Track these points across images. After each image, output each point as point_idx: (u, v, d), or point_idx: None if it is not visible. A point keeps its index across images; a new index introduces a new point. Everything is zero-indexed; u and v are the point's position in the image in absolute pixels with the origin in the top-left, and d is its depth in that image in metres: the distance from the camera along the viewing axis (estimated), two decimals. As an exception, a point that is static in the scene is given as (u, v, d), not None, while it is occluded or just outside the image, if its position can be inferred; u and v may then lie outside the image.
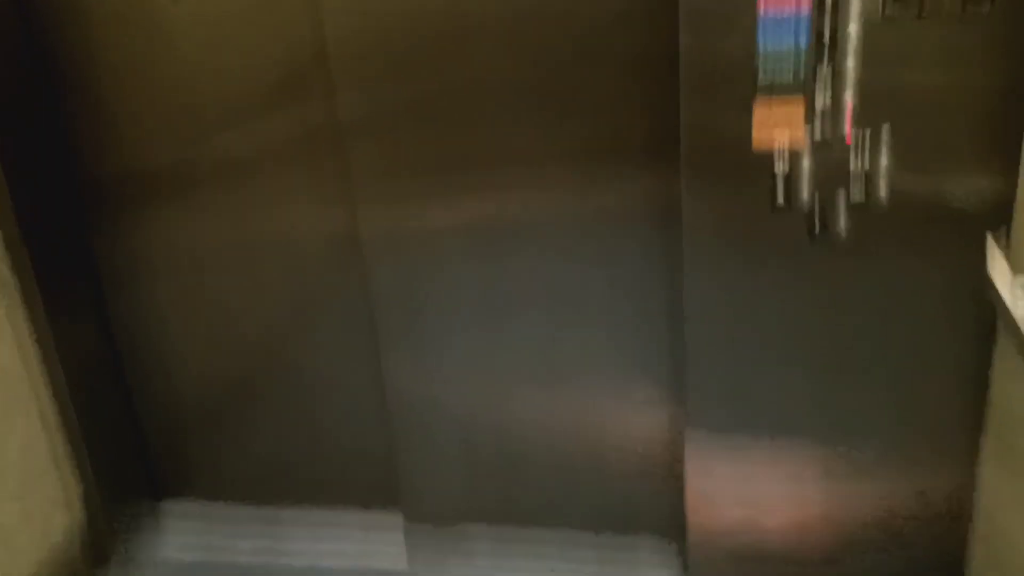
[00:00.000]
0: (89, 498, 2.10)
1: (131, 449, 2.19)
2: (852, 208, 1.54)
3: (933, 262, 1.56)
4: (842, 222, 1.55)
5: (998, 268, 1.34)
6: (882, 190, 1.52)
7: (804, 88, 1.49)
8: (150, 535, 2.25)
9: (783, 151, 1.53)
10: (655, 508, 2.02)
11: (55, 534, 2.03)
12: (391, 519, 2.17)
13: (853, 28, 1.44)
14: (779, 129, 1.51)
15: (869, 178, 1.52)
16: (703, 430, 1.78)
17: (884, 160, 1.50)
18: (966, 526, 1.77)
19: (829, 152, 1.52)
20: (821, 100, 1.49)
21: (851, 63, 1.46)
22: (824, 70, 1.47)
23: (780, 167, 1.53)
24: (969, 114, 1.46)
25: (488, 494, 2.09)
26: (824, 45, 1.46)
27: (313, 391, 2.08)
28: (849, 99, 1.48)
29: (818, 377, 1.69)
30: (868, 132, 1.49)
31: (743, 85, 1.50)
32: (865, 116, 1.49)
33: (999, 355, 1.59)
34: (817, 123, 1.50)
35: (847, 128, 1.50)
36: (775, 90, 1.49)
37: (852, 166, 1.51)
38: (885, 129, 1.49)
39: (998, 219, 1.50)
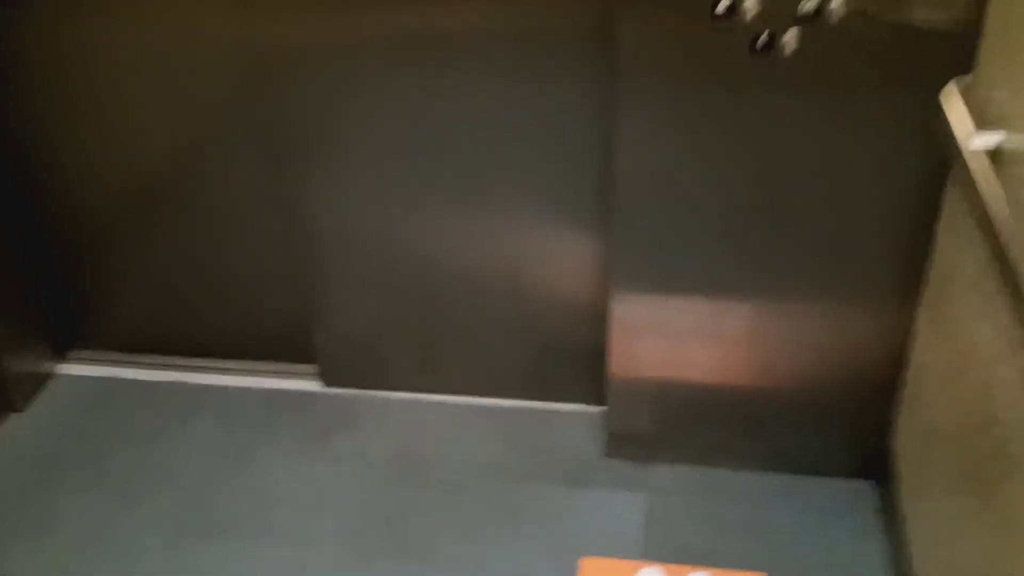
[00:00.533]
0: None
1: (30, 299, 2.06)
2: (801, 20, 1.36)
3: (886, 97, 1.41)
4: (789, 36, 1.38)
5: (957, 119, 1.18)
6: (836, 2, 1.35)
7: None
8: (53, 383, 2.14)
9: (727, -53, 1.35)
10: (578, 348, 1.92)
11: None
12: (306, 354, 2.07)
13: None
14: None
15: (823, -15, 1.34)
16: (628, 270, 1.65)
17: (840, -38, 1.33)
18: (898, 391, 1.68)
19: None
20: None
21: None
22: None
23: (723, -34, 1.36)
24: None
25: (406, 331, 1.98)
26: None
27: (219, 221, 1.94)
28: None
29: (750, 222, 1.56)
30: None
31: None
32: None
33: (947, 209, 1.46)
34: (767, -86, 1.32)
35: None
36: None
37: (804, -31, 1.34)
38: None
39: (962, 57, 1.33)
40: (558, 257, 1.82)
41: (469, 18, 1.59)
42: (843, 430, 1.75)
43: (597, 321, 1.80)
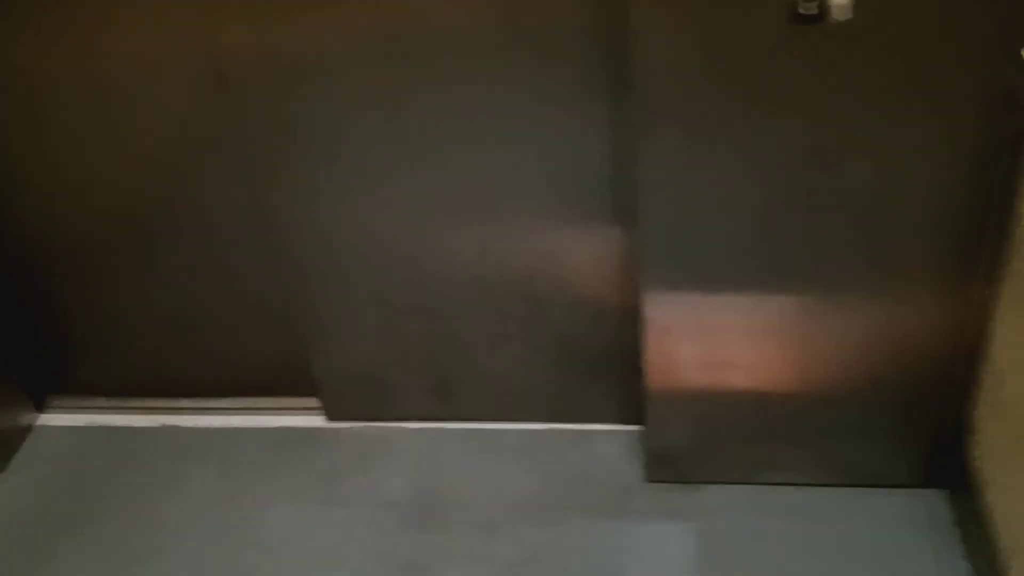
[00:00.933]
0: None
1: (2, 344, 1.92)
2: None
3: (948, 63, 1.24)
4: (837, -1, 1.21)
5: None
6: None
7: None
8: (33, 436, 1.99)
9: None
10: (607, 361, 1.76)
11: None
12: (307, 387, 1.91)
13: None
14: None
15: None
16: (661, 269, 1.49)
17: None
18: (973, 388, 1.52)
19: None
20: None
21: None
22: None
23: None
24: None
25: (414, 354, 1.82)
26: None
27: (202, 248, 1.79)
28: None
29: (792, 211, 1.39)
30: None
31: None
32: None
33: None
34: None
35: None
36: None
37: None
38: None
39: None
40: (578, 260, 1.66)
41: (463, 11, 1.43)
42: (909, 435, 1.59)
43: (625, 330, 1.64)
